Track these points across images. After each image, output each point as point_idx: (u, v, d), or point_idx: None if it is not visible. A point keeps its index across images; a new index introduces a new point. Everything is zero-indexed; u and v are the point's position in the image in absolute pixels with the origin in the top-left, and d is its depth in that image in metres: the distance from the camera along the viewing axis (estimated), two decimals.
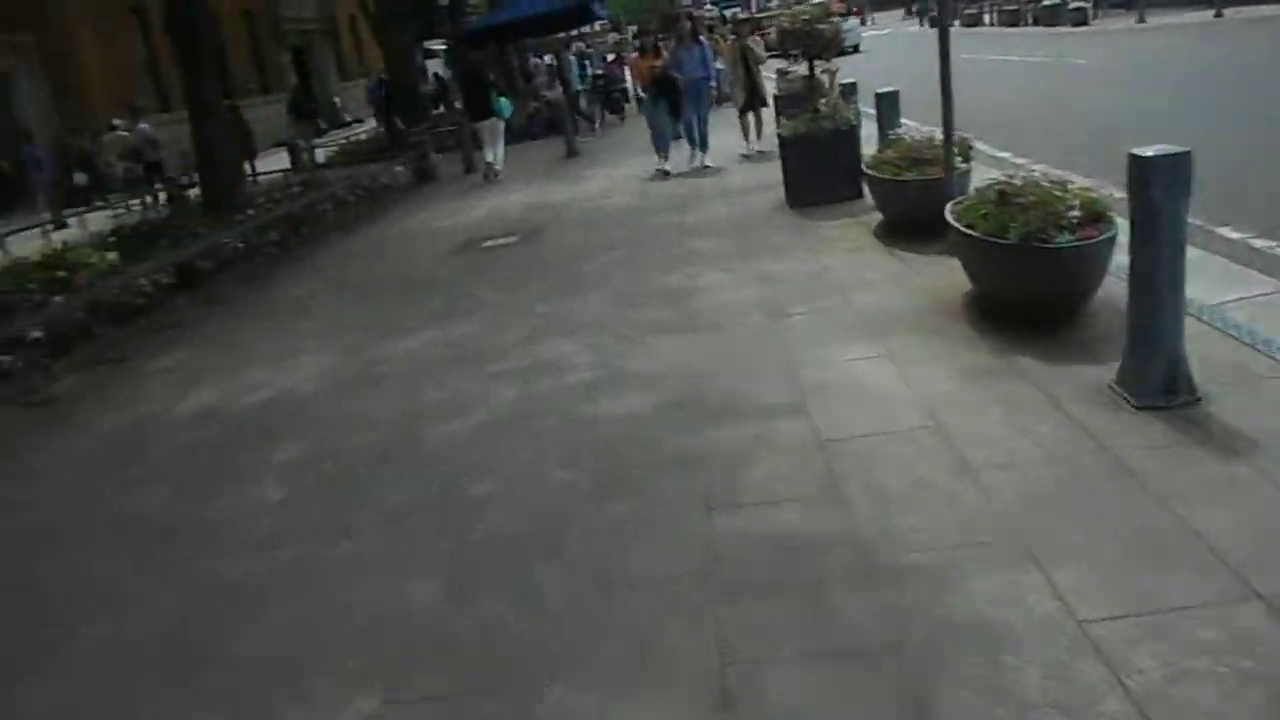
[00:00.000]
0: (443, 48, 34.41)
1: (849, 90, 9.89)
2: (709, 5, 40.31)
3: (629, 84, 21.69)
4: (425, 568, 3.54)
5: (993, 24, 37.36)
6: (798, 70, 13.22)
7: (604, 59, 24.18)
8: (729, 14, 33.58)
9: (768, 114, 12.14)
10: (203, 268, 9.75)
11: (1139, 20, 25.76)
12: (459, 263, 9.10)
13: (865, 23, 48.08)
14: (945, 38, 6.47)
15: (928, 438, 3.87)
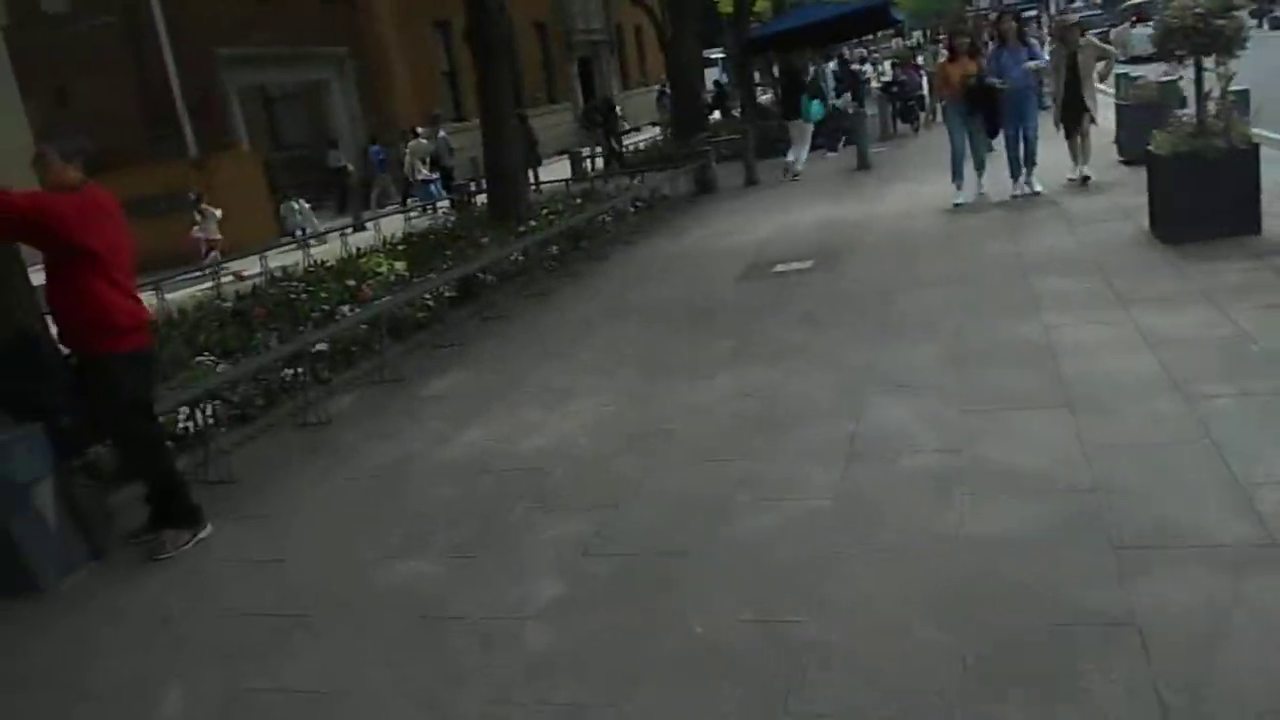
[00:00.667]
0: (721, 56, 34.09)
1: (1241, 99, 7.96)
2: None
3: (925, 91, 19.99)
4: None
5: None
6: (1148, 75, 11.18)
7: (894, 65, 22.52)
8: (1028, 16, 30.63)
9: (1095, 132, 10.16)
10: (483, 280, 9.47)
11: None
12: (748, 290, 8.14)
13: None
14: None
15: None
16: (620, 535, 4.00)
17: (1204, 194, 7.02)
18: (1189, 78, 7.68)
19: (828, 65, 20.61)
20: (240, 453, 5.87)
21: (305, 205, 18.29)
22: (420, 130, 20.20)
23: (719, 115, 26.62)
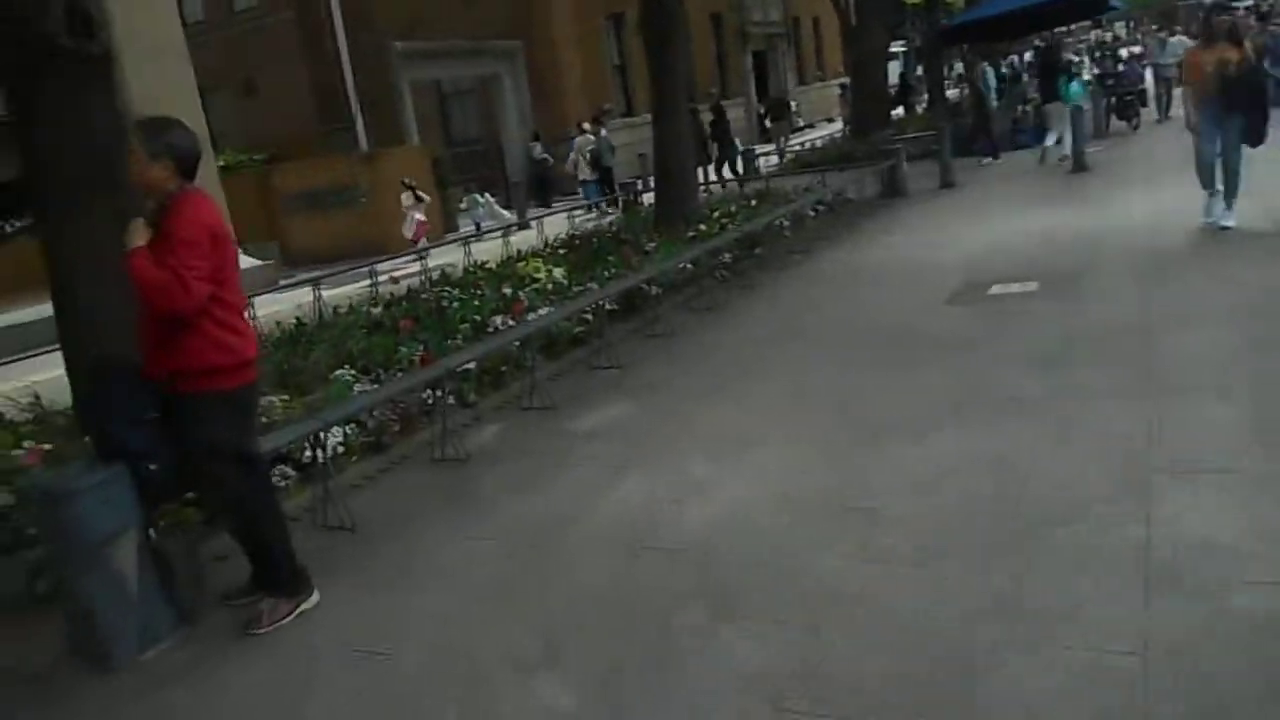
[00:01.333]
0: (902, 50, 32.07)
1: None
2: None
3: (1149, 86, 17.85)
4: None
5: None
6: None
7: (1114, 55, 20.26)
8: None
9: None
10: (648, 291, 8.54)
11: None
12: (961, 317, 6.84)
13: None
14: None
15: None
16: (829, 683, 2.90)
17: None
18: None
19: (986, 65, 18.60)
20: (365, 491, 5.14)
21: (490, 198, 18.03)
22: (586, 126, 19.61)
23: (901, 111, 25.03)
